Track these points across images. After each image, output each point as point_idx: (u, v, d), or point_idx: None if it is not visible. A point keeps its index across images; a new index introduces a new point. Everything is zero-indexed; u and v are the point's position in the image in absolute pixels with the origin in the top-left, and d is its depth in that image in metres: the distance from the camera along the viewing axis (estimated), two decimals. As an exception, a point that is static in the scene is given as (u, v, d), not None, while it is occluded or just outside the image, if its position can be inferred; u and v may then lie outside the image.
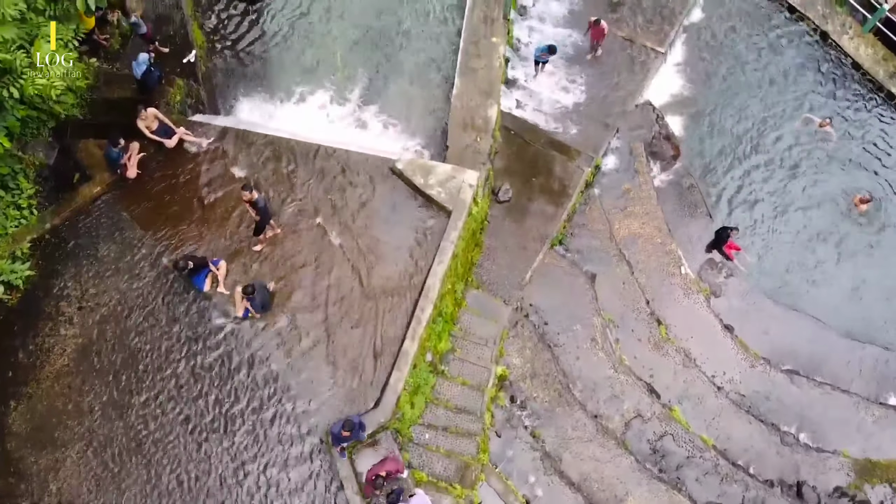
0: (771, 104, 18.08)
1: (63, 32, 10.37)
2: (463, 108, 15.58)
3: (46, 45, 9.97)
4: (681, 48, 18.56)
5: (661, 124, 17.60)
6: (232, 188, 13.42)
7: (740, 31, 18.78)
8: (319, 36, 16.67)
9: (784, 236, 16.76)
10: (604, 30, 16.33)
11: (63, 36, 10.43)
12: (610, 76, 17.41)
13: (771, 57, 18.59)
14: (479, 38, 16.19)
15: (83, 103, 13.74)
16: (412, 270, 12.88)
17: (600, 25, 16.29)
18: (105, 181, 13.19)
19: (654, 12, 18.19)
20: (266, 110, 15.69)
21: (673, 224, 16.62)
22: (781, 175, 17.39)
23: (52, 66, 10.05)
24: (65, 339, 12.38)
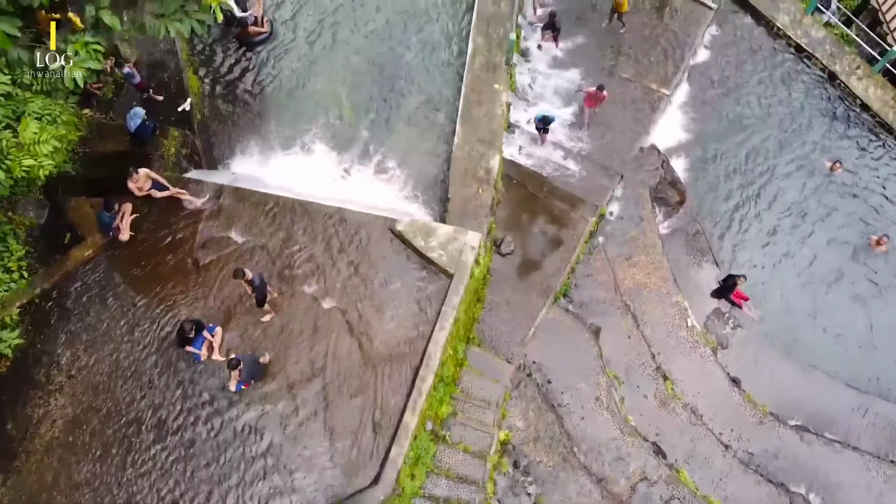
0: (779, 146, 17.74)
1: (51, 108, 10.01)
2: (464, 157, 15.23)
3: (34, 124, 9.62)
4: (686, 89, 18.21)
5: (666, 169, 17.25)
6: (228, 250, 13.07)
7: (747, 72, 18.41)
8: (318, 81, 16.29)
9: (794, 283, 16.43)
10: (604, 97, 15.82)
11: (51, 111, 10.07)
12: (614, 119, 17.02)
13: (778, 98, 18.24)
14: (480, 84, 15.83)
15: (75, 158, 13.37)
16: (413, 336, 12.52)
17: (603, 93, 15.76)
18: (97, 243, 12.83)
19: (660, 53, 17.82)
20: (263, 160, 15.35)
21: (679, 273, 16.26)
22: (791, 219, 17.05)
23: (39, 145, 9.68)
24: (55, 410, 12.03)
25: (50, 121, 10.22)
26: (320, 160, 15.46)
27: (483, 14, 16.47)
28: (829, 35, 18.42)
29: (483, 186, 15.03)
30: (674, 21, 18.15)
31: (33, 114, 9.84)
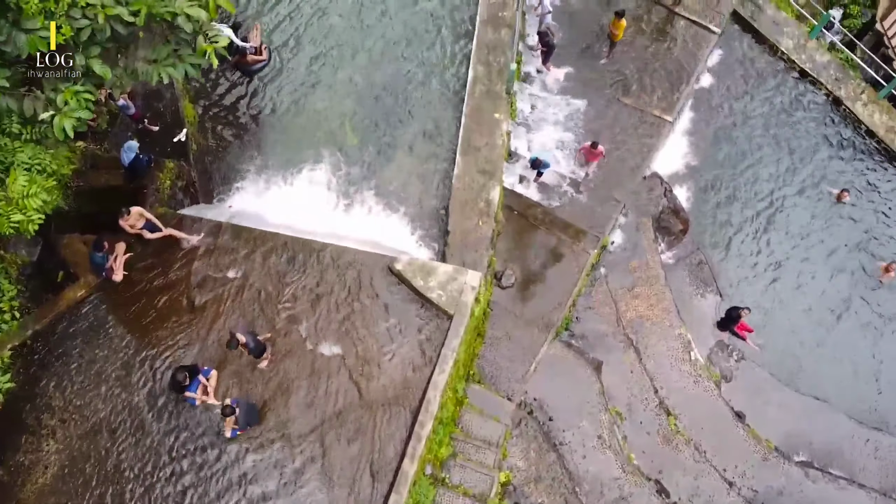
0: (784, 173, 17.51)
1: (41, 157, 9.78)
2: (464, 189, 15.00)
3: (23, 176, 9.38)
4: (689, 115, 17.97)
5: (669, 197, 17.03)
6: (223, 289, 12.83)
7: (751, 97, 18.18)
8: (316, 110, 16.05)
9: (799, 313, 16.26)
10: (601, 153, 15.48)
11: (41, 160, 9.84)
12: (616, 147, 16.78)
13: (783, 123, 18.01)
14: (481, 113, 15.59)
15: (68, 192, 13.14)
16: (412, 378, 12.30)
17: (598, 149, 15.35)
18: (90, 283, 12.60)
19: (663, 79, 17.56)
20: (260, 191, 15.13)
21: (682, 304, 16.05)
22: (796, 248, 16.86)
23: (29, 199, 9.44)
24: (47, 456, 11.80)
25: (40, 171, 9.98)
26: (318, 191, 15.22)
27: (483, 41, 16.23)
28: (834, 60, 18.16)
29: (483, 219, 14.80)
30: (676, 46, 17.90)
31: (22, 164, 9.61)
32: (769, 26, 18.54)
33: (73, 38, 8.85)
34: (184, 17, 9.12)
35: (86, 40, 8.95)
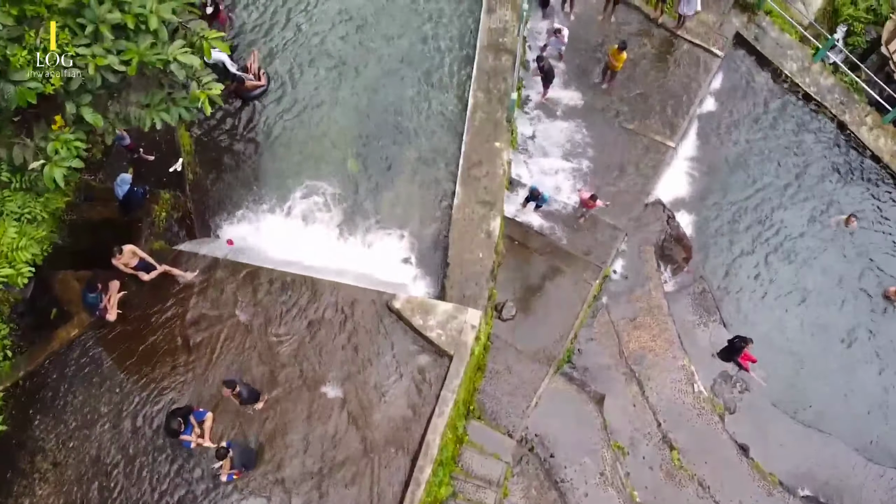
0: (789, 199, 17.29)
1: (31, 205, 9.58)
2: (464, 219, 14.78)
3: (12, 228, 9.17)
4: (692, 139, 17.74)
5: (671, 225, 16.81)
6: (219, 327, 12.62)
7: (755, 121, 17.96)
8: (315, 137, 15.85)
9: (805, 342, 16.02)
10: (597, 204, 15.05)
11: (31, 209, 9.63)
12: (618, 174, 16.56)
13: (787, 147, 17.80)
14: (481, 142, 15.37)
15: (62, 226, 12.90)
16: (411, 419, 12.09)
17: (596, 202, 14.88)
18: (83, 322, 12.38)
19: (666, 103, 17.33)
20: (257, 222, 14.90)
21: (685, 334, 15.83)
22: (803, 275, 16.60)
23: (18, 252, 9.23)
24: (40, 499, 11.57)
25: (30, 220, 9.76)
26: (317, 220, 15.01)
27: (483, 68, 16.01)
28: (839, 83, 17.93)
29: (484, 251, 14.58)
30: (679, 69, 17.69)
31: (12, 214, 9.39)
32: (773, 49, 18.31)
33: (63, 86, 8.61)
34: (177, 65, 8.88)
35: (76, 88, 8.71)
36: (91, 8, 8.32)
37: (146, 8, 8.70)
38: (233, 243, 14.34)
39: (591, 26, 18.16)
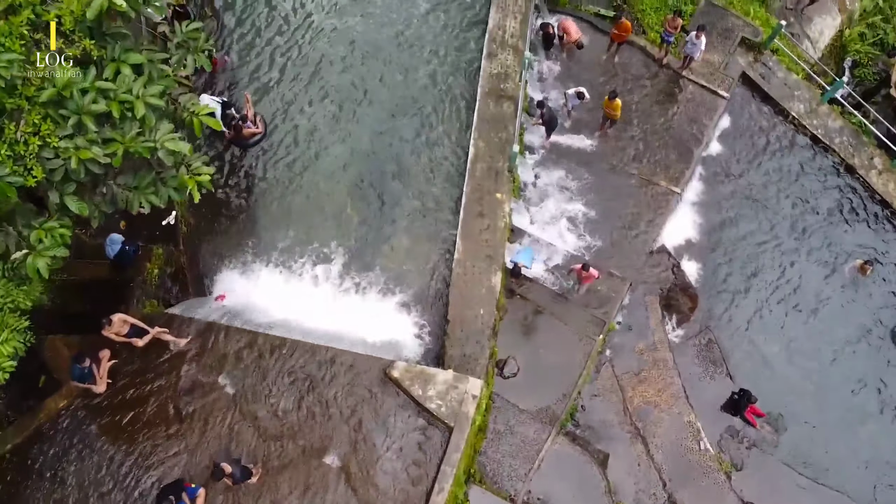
0: (797, 243, 16.93)
1: (14, 294, 9.21)
2: (465, 274, 14.43)
3: (-7, 319, 8.83)
4: (698, 183, 17.36)
5: (677, 273, 16.44)
6: (212, 396, 12.25)
7: (761, 164, 17.58)
8: (313, 187, 15.52)
9: (815, 395, 15.61)
10: (594, 276, 14.48)
11: (14, 298, 9.28)
12: (622, 221, 16.19)
13: (795, 192, 17.41)
14: (482, 193, 15.03)
15: (50, 286, 12.52)
16: (412, 493, 11.72)
17: (590, 271, 14.19)
18: (71, 391, 12.02)
19: (671, 147, 16.98)
20: (252, 277, 14.57)
21: (691, 388, 15.46)
22: (813, 324, 16.22)
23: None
24: (26, 580, 11.18)
25: (12, 309, 9.40)
26: (313, 276, 14.69)
27: (484, 116, 15.64)
28: (847, 125, 17.55)
29: (485, 307, 14.23)
30: (684, 112, 17.34)
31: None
32: (780, 89, 17.94)
33: (46, 176, 8.24)
34: (164, 152, 8.51)
35: (60, 178, 8.34)
36: (74, 99, 7.93)
37: (133, 93, 8.31)
38: (224, 297, 13.98)
39: (594, 67, 17.78)
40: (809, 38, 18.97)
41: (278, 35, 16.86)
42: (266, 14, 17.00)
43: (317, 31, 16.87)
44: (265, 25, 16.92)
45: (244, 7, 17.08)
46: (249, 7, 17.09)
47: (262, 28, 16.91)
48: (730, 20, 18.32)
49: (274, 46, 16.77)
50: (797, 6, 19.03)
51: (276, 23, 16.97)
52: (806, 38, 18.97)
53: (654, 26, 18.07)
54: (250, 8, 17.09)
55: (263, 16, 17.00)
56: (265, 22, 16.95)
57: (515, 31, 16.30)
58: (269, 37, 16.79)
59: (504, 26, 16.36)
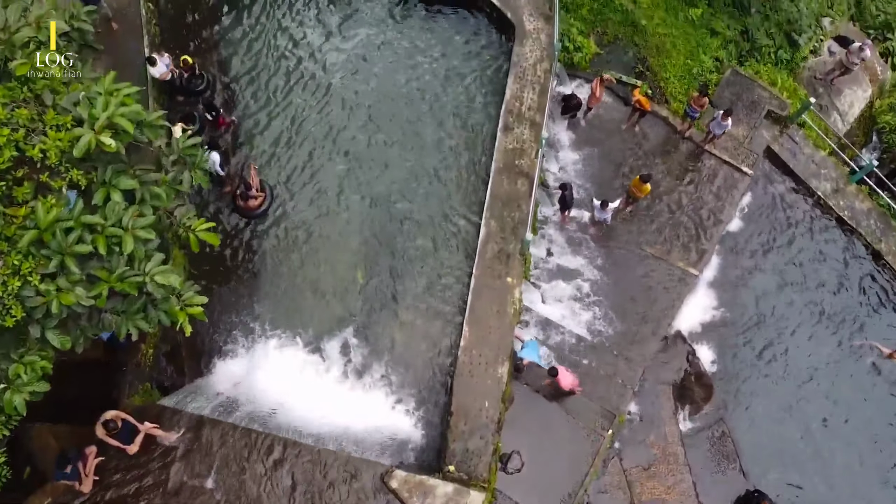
0: (820, 329, 16.28)
1: None
2: (470, 364, 13.86)
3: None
4: (716, 263, 16.70)
5: (691, 360, 15.80)
6: (203, 499, 11.68)
7: (784, 244, 16.92)
8: (318, 260, 15.06)
9: (837, 496, 14.86)
10: (572, 386, 13.71)
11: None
12: (637, 303, 15.55)
13: (818, 274, 16.75)
14: (491, 277, 14.43)
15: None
16: None
17: (556, 377, 13.25)
18: (57, 490, 11.49)
19: (690, 225, 16.34)
20: (250, 359, 14.03)
21: (702, 485, 14.89)
22: (836, 417, 15.57)
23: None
24: None
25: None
26: (313, 360, 14.13)
27: (497, 194, 15.04)
28: (875, 208, 16.84)
29: (490, 399, 13.66)
30: (705, 188, 16.70)
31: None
32: (805, 166, 17.26)
33: (27, 314, 7.72)
34: (153, 284, 7.97)
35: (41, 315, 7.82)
36: (57, 239, 7.40)
37: (122, 224, 7.77)
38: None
39: (614, 137, 17.15)
40: (838, 111, 18.27)
41: (287, 95, 16.35)
42: (274, 72, 16.50)
43: (328, 94, 16.34)
44: (273, 84, 16.42)
45: (252, 65, 16.55)
46: (258, 64, 16.58)
47: (269, 87, 16.41)
48: (756, 91, 17.63)
49: (282, 107, 16.25)
50: (826, 76, 18.30)
51: (285, 83, 16.46)
52: (835, 110, 18.28)
53: (678, 95, 17.40)
54: (259, 65, 16.57)
55: (272, 74, 16.50)
56: (274, 81, 16.45)
57: (533, 103, 15.68)
58: (277, 97, 16.29)
59: (521, 97, 15.75)
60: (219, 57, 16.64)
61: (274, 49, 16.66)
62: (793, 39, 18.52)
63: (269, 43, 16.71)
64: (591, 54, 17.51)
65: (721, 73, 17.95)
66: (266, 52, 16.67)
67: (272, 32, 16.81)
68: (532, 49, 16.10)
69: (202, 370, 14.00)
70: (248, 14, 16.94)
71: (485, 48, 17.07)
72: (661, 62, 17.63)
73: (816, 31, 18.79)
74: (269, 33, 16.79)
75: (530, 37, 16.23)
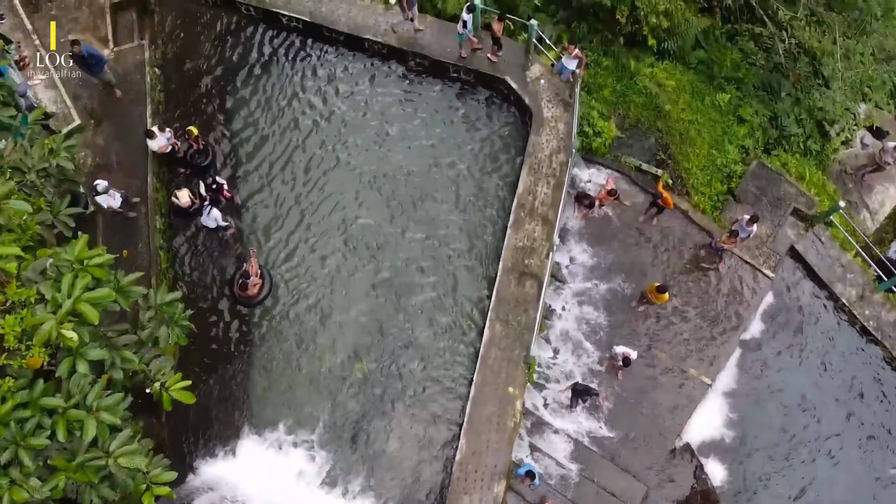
0: (837, 447, 15.43)
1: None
2: (465, 479, 13.26)
3: None
4: (731, 369, 15.88)
5: (698, 477, 15.00)
6: None
7: (804, 351, 16.11)
8: (312, 357, 14.50)
9: None
10: None
11: None
12: (645, 411, 14.84)
13: (840, 387, 15.91)
14: (493, 386, 13.82)
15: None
16: None
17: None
18: None
19: (705, 329, 15.57)
20: (235, 460, 13.40)
21: None
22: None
23: None
24: None
25: None
26: (298, 468, 13.53)
27: (503, 295, 14.35)
28: (903, 318, 15.97)
29: (485, 521, 12.93)
30: (723, 288, 15.86)
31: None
32: (830, 269, 16.41)
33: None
34: (117, 466, 7.34)
35: None
36: (10, 429, 6.78)
37: (87, 402, 7.14)
38: None
39: (628, 227, 16.35)
40: (868, 208, 17.40)
41: (292, 172, 15.79)
42: (280, 147, 15.96)
43: (334, 173, 15.73)
44: (278, 160, 15.87)
45: (257, 138, 16.00)
46: (262, 137, 16.07)
47: (274, 162, 15.86)
48: (782, 187, 16.79)
49: (287, 183, 15.70)
50: (857, 172, 17.44)
51: (291, 158, 15.90)
52: (864, 207, 17.41)
53: (699, 187, 16.59)
54: (264, 138, 16.06)
55: (277, 148, 15.98)
56: (278, 155, 15.90)
57: (547, 197, 14.96)
58: (282, 173, 15.71)
59: (535, 191, 15.04)
60: (223, 127, 16.07)
61: (281, 122, 16.11)
62: (824, 129, 17.63)
63: (276, 115, 16.20)
64: (610, 138, 16.72)
65: (746, 165, 17.12)
66: (272, 125, 16.16)
67: (280, 104, 16.28)
68: (549, 139, 15.37)
69: (186, 472, 13.39)
70: (255, 85, 16.41)
71: (501, 132, 16.33)
72: (683, 150, 16.83)
73: (849, 120, 17.89)
74: (276, 105, 16.27)
75: (547, 125, 15.50)
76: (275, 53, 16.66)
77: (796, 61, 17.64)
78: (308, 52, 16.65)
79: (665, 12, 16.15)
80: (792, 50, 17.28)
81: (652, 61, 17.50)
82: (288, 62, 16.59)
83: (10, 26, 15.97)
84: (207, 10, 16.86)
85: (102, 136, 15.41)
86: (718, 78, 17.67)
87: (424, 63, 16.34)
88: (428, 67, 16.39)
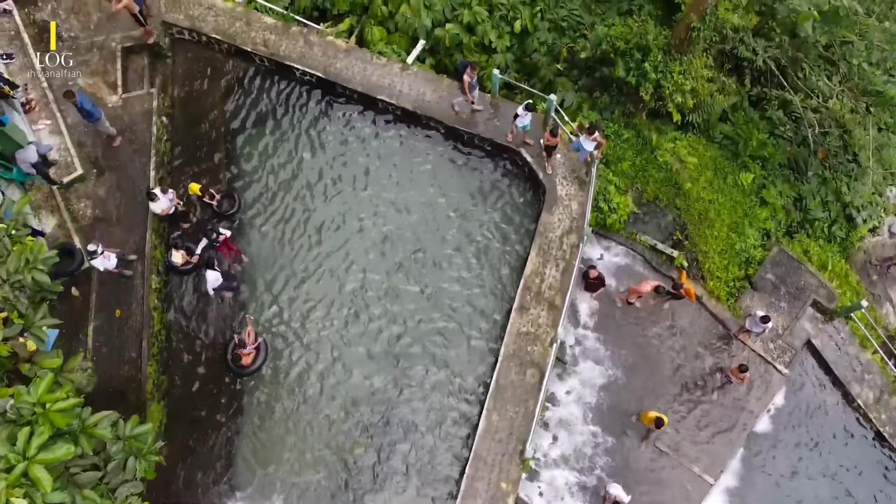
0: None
1: None
2: (450, 579, 12.60)
3: None
4: (737, 466, 15.30)
5: (696, 582, 14.35)
6: None
7: (814, 454, 15.47)
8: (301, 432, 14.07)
9: None
10: None
11: None
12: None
13: (851, 492, 15.20)
14: (485, 481, 13.27)
15: None
16: None
17: None
18: None
19: (711, 423, 15.02)
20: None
21: None
22: None
23: None
24: None
25: None
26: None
27: (503, 383, 13.84)
28: (920, 426, 15.25)
29: None
30: (733, 384, 15.19)
31: None
32: (847, 368, 15.74)
33: None
34: None
35: None
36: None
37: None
38: None
39: (640, 313, 15.75)
40: (892, 302, 16.66)
41: (297, 232, 15.34)
42: (285, 203, 15.47)
43: (340, 237, 15.28)
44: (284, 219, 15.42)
45: (266, 192, 15.57)
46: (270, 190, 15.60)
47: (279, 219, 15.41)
48: (803, 276, 16.12)
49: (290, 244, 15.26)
50: (883, 263, 16.71)
51: (296, 216, 15.44)
52: (888, 301, 16.68)
53: (715, 272, 15.96)
54: (271, 192, 15.59)
55: (283, 204, 15.50)
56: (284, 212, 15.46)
57: (555, 281, 14.39)
58: (290, 238, 15.25)
59: (542, 273, 14.49)
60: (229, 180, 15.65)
61: (288, 180, 15.62)
62: (850, 215, 16.93)
63: (284, 172, 15.70)
64: (626, 214, 16.13)
65: (766, 250, 16.46)
66: (280, 179, 15.69)
67: (288, 160, 15.81)
68: (561, 218, 14.81)
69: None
70: (264, 139, 16.01)
71: (514, 205, 15.78)
72: (701, 231, 16.21)
73: (877, 207, 17.16)
74: (284, 161, 15.79)
75: (561, 203, 14.94)
76: (286, 107, 16.22)
77: (826, 135, 16.92)
78: (321, 109, 16.18)
79: (691, 90, 15.53)
80: (822, 121, 16.55)
81: (675, 135, 16.89)
82: (298, 116, 16.13)
83: (21, 66, 15.63)
84: (221, 59, 16.45)
85: (104, 188, 15.05)
86: (743, 156, 17.05)
87: (439, 128, 15.84)
88: (443, 133, 15.92)
